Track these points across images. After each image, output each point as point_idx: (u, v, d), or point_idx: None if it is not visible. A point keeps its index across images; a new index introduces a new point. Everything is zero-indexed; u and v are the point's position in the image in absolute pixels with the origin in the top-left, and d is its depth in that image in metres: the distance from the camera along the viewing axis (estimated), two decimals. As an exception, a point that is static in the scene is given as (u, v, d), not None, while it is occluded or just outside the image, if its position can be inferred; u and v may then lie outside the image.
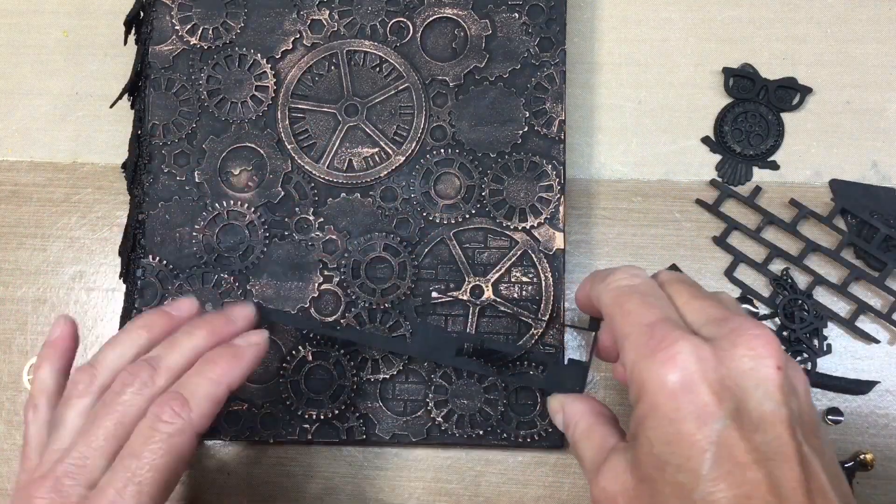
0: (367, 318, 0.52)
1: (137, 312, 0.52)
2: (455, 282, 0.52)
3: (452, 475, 0.54)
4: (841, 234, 0.54)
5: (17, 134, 0.59)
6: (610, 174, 0.56)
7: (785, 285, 0.54)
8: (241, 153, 0.54)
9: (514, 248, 0.52)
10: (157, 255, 0.53)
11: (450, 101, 0.54)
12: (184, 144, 0.54)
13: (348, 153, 0.54)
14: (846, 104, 0.57)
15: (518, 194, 0.53)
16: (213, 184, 0.54)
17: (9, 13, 0.60)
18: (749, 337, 0.35)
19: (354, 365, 0.51)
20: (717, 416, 0.34)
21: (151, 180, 0.54)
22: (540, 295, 0.52)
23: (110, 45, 0.58)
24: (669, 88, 0.57)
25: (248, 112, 0.54)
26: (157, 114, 0.54)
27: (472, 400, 0.51)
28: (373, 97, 0.54)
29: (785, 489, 0.33)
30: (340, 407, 0.51)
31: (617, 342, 0.38)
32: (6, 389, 0.56)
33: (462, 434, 0.51)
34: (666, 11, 0.58)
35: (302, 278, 0.52)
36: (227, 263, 0.53)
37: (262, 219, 0.53)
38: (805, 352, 0.53)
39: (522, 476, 0.54)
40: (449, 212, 0.53)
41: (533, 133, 0.53)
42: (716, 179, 0.56)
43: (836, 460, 0.36)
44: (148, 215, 0.53)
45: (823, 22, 0.57)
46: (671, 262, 0.55)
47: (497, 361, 0.50)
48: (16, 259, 0.57)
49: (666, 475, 0.34)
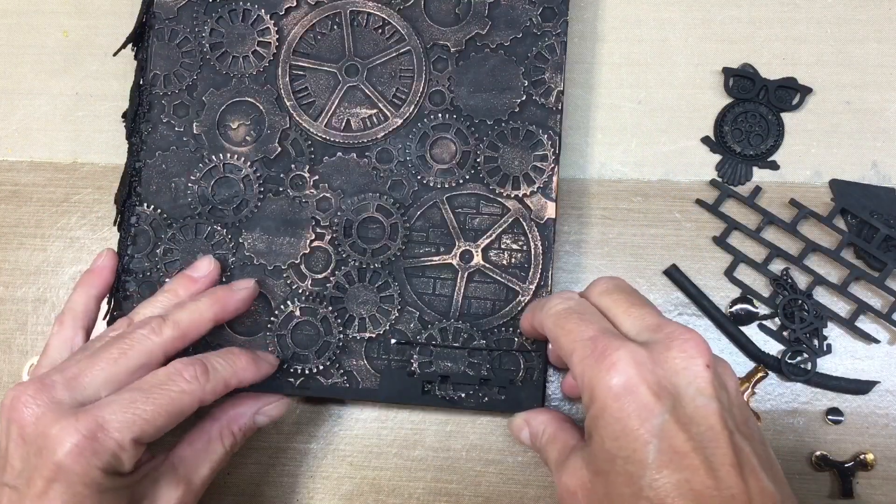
0: (356, 276, 0.52)
1: (130, 260, 0.53)
2: (445, 246, 0.52)
3: (452, 475, 0.54)
4: (841, 234, 0.54)
5: (17, 134, 0.59)
6: (610, 174, 0.56)
7: (785, 285, 0.54)
8: (240, 107, 0.54)
9: (506, 215, 0.53)
10: (152, 203, 0.53)
11: (450, 66, 0.54)
12: (184, 96, 0.54)
13: (346, 113, 0.54)
14: (846, 104, 0.57)
15: (513, 162, 0.53)
16: (211, 136, 0.54)
17: (9, 13, 0.60)
18: (681, 341, 0.40)
19: (341, 322, 0.52)
20: (657, 413, 0.38)
21: (150, 129, 0.54)
22: (529, 263, 0.52)
23: (110, 45, 0.58)
24: (669, 88, 0.57)
25: (249, 67, 0.55)
26: (160, 64, 0.55)
27: (455, 363, 0.51)
28: (374, 59, 0.54)
29: (720, 472, 0.37)
30: (325, 363, 0.51)
31: (564, 359, 0.42)
32: (6, 389, 0.56)
33: (444, 396, 0.51)
34: (666, 11, 0.58)
35: (294, 234, 0.53)
36: (220, 216, 0.53)
37: (257, 173, 0.53)
38: (805, 352, 0.53)
39: (522, 476, 0.54)
40: (443, 176, 0.53)
41: (531, 102, 0.53)
42: (716, 179, 0.56)
43: (767, 445, 0.41)
44: (145, 164, 0.54)
45: (823, 22, 0.57)
46: (671, 263, 0.55)
47: (462, 385, 0.51)
48: (16, 259, 0.57)
49: (616, 467, 0.38)
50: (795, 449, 0.53)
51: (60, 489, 0.40)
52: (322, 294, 0.52)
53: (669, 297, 0.55)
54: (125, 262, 0.53)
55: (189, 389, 0.43)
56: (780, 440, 0.53)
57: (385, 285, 0.52)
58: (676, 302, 0.55)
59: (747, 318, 0.54)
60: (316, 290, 0.52)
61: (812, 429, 0.53)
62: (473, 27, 0.54)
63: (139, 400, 0.42)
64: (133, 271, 0.53)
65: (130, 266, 0.53)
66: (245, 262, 0.52)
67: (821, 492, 0.53)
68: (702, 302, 0.54)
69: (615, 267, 0.55)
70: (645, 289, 0.55)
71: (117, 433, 0.41)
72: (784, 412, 0.53)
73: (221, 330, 0.52)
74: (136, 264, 0.53)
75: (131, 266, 0.53)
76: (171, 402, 0.42)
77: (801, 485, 0.53)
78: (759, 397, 0.54)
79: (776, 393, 0.54)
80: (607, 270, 0.55)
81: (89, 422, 0.40)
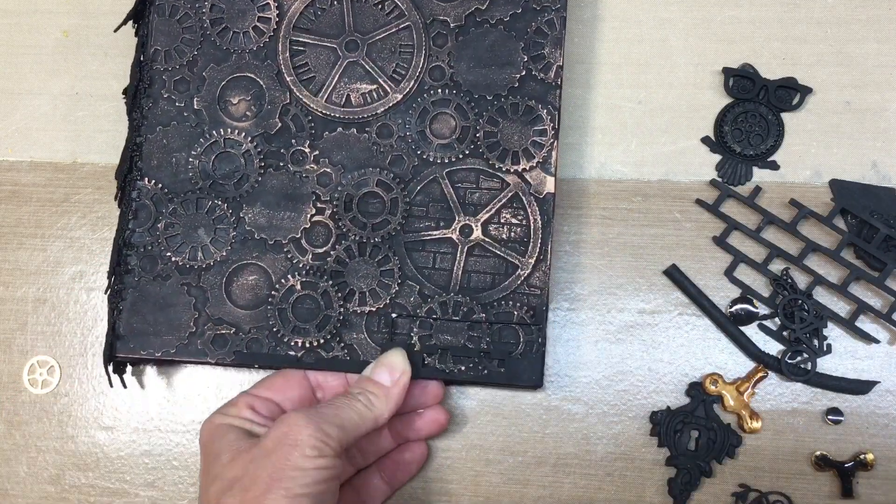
0: (356, 251, 0.52)
1: (131, 234, 0.53)
2: (445, 220, 0.53)
3: (452, 475, 0.54)
4: (841, 234, 0.54)
5: (17, 134, 0.59)
6: (610, 174, 0.56)
7: (785, 285, 0.54)
8: (241, 83, 0.54)
9: (506, 189, 0.53)
10: (153, 178, 0.54)
11: (450, 41, 0.54)
12: (184, 71, 0.54)
13: (347, 88, 0.54)
14: (846, 104, 0.57)
15: (512, 137, 0.53)
16: (212, 111, 0.54)
17: (9, 13, 0.60)
18: None
19: (342, 296, 0.52)
20: None
21: (151, 105, 0.54)
22: (528, 237, 0.52)
23: (110, 45, 0.58)
24: (669, 88, 0.57)
25: (249, 42, 0.55)
26: (160, 40, 0.55)
27: (455, 336, 0.51)
28: (374, 34, 0.54)
29: None
30: (326, 336, 0.51)
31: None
32: (6, 389, 0.56)
33: (444, 369, 0.51)
34: (666, 11, 0.58)
35: (295, 209, 0.53)
36: (221, 190, 0.53)
37: (258, 148, 0.53)
38: (805, 352, 0.53)
39: (522, 476, 0.54)
40: (443, 151, 0.53)
41: (530, 77, 0.53)
42: (716, 179, 0.56)
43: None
44: (146, 139, 0.54)
45: (823, 22, 0.57)
46: (671, 263, 0.55)
47: (462, 358, 0.51)
48: (16, 259, 0.57)
49: None
50: (795, 449, 0.53)
51: None
52: (322, 268, 0.52)
53: (669, 297, 0.55)
54: (126, 237, 0.53)
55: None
56: (780, 440, 0.53)
57: (385, 259, 0.52)
58: (676, 302, 0.55)
59: (747, 318, 0.54)
60: (316, 264, 0.52)
61: (812, 429, 0.53)
62: (473, 2, 0.54)
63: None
64: (134, 245, 0.53)
65: (132, 240, 0.53)
66: (246, 237, 0.53)
67: (821, 492, 0.53)
68: (702, 302, 0.54)
69: (615, 267, 0.55)
70: (645, 289, 0.55)
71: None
72: (784, 412, 0.53)
73: (223, 304, 0.52)
74: (138, 238, 0.53)
75: (133, 240, 0.53)
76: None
77: (801, 485, 0.53)
78: (759, 397, 0.54)
79: (776, 393, 0.54)
80: (607, 270, 0.55)
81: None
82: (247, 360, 0.51)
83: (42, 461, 0.55)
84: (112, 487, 0.55)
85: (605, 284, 0.55)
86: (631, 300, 0.55)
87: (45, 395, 0.56)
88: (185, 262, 0.52)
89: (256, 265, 0.52)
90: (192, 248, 0.53)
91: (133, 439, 0.55)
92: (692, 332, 0.55)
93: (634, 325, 0.55)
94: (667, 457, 0.53)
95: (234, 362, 0.52)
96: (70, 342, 0.56)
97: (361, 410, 0.46)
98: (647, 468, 0.53)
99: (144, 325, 0.52)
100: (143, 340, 0.52)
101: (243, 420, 0.47)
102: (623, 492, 0.53)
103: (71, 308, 0.57)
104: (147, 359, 0.52)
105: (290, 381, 0.50)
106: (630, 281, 0.55)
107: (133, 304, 0.52)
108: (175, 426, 0.55)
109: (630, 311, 0.55)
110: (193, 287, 0.52)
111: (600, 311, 0.55)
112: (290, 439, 0.43)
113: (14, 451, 0.55)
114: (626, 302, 0.55)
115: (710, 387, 0.53)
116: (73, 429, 0.55)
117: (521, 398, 0.54)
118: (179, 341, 0.52)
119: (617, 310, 0.55)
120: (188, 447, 0.55)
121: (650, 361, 0.54)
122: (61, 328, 0.56)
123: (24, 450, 0.55)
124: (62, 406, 0.56)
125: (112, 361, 0.52)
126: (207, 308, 0.52)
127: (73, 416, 0.56)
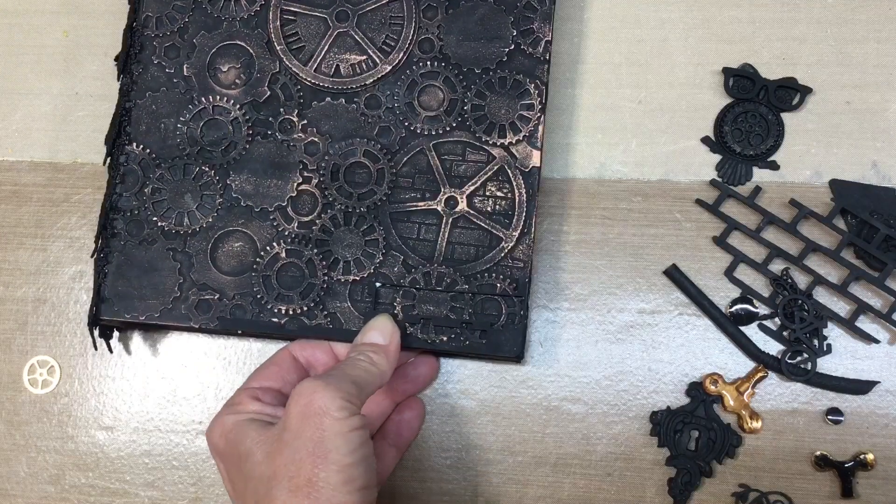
0: (342, 220, 0.53)
1: (118, 198, 0.53)
2: (431, 192, 0.53)
3: (452, 475, 0.54)
4: (841, 234, 0.54)
5: (17, 134, 0.59)
6: (610, 174, 0.56)
7: (785, 285, 0.54)
8: (231, 50, 0.55)
9: (492, 162, 0.53)
10: (142, 143, 0.54)
11: (440, 14, 0.54)
12: (175, 38, 0.55)
13: (336, 59, 0.54)
14: (846, 104, 0.57)
15: (499, 111, 0.53)
16: (201, 78, 0.54)
17: (9, 13, 0.60)
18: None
19: (326, 265, 0.52)
20: None
21: (141, 70, 0.54)
22: (513, 210, 0.52)
23: (110, 45, 0.58)
24: (669, 88, 0.57)
25: (240, 10, 0.55)
26: (152, 6, 0.55)
27: (438, 307, 0.52)
28: (364, 5, 0.55)
29: None
30: (309, 304, 0.52)
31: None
32: (6, 389, 0.56)
33: (426, 339, 0.51)
34: (666, 11, 0.58)
35: (281, 177, 0.53)
36: (208, 157, 0.53)
37: (246, 116, 0.54)
38: (805, 352, 0.53)
39: (522, 476, 0.54)
40: (430, 123, 0.53)
41: (519, 52, 0.54)
42: (716, 179, 0.56)
43: None
44: (135, 104, 0.54)
45: (823, 22, 0.57)
46: (671, 263, 0.55)
47: (444, 328, 0.51)
48: (16, 259, 0.57)
49: None
50: (795, 449, 0.53)
51: None
52: (308, 237, 0.52)
53: (669, 297, 0.55)
54: (113, 201, 0.53)
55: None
56: (780, 440, 0.53)
57: (370, 229, 0.52)
58: (676, 302, 0.55)
59: (747, 318, 0.54)
60: (302, 232, 0.52)
61: (812, 429, 0.53)
62: None
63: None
64: (121, 209, 0.53)
65: (119, 204, 0.53)
66: (232, 204, 0.53)
67: (821, 492, 0.53)
68: (702, 302, 0.54)
69: (615, 267, 0.55)
70: (645, 289, 0.55)
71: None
72: (784, 412, 0.53)
73: (208, 270, 0.52)
74: (124, 203, 0.53)
75: (119, 204, 0.53)
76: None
77: (801, 485, 0.53)
78: (759, 397, 0.54)
79: (776, 393, 0.54)
80: (607, 270, 0.55)
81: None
82: (230, 325, 0.52)
83: (42, 461, 0.55)
84: (112, 487, 0.55)
85: (605, 284, 0.55)
86: (631, 300, 0.55)
87: (45, 395, 0.56)
88: (172, 227, 0.53)
89: (242, 232, 0.53)
90: (178, 214, 0.53)
91: (133, 439, 0.55)
92: (692, 332, 0.55)
93: (634, 325, 0.55)
94: (667, 457, 0.53)
95: (217, 328, 0.52)
96: (70, 342, 0.56)
97: (368, 368, 0.47)
98: (647, 468, 0.53)
99: (129, 289, 0.52)
100: (127, 304, 0.52)
101: (254, 413, 0.47)
102: (623, 492, 0.53)
103: (71, 308, 0.57)
104: (132, 322, 0.52)
105: (282, 366, 0.51)
106: (630, 281, 0.55)
107: (118, 268, 0.52)
108: (175, 426, 0.55)
109: (630, 311, 0.55)
110: (179, 252, 0.52)
111: (600, 311, 0.55)
112: (315, 408, 0.42)
113: (14, 451, 0.55)
114: (626, 302, 0.55)
115: (710, 387, 0.53)
116: (73, 429, 0.55)
117: (522, 398, 0.54)
118: (164, 306, 0.52)
119: (617, 310, 0.55)
120: (188, 447, 0.55)
121: (650, 361, 0.54)
122: (61, 328, 0.56)
123: (24, 450, 0.55)
124: (62, 406, 0.56)
125: (97, 325, 0.52)
126: (192, 273, 0.52)
127: (73, 416, 0.56)
